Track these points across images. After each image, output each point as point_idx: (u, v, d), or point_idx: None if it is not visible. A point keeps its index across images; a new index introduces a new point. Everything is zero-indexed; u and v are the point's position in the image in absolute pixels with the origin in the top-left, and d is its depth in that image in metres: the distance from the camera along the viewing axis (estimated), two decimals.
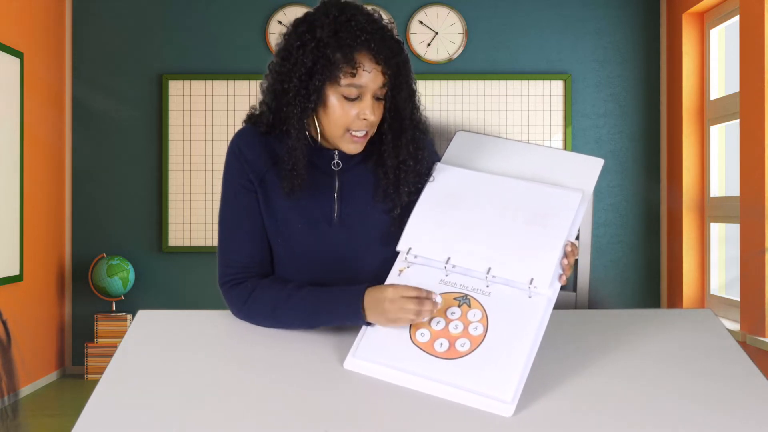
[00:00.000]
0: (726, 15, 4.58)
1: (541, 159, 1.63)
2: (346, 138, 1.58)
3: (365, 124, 1.57)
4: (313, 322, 1.55)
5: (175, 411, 1.32)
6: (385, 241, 1.61)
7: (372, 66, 1.53)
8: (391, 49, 1.55)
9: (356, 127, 1.56)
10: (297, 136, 1.57)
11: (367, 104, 1.55)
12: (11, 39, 4.59)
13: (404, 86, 1.60)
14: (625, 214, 5.30)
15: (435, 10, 5.28)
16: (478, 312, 1.44)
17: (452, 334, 1.42)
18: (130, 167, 5.29)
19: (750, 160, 3.92)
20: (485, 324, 1.42)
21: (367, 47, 1.52)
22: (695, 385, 1.41)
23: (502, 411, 1.32)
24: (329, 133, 1.59)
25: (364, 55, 1.53)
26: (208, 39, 5.29)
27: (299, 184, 1.58)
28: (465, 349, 1.40)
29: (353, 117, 1.55)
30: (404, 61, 1.59)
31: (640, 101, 5.30)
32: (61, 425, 4.10)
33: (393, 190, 1.62)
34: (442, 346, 1.41)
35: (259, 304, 1.57)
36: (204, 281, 5.15)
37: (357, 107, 1.55)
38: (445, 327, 1.43)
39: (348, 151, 1.60)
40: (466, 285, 1.48)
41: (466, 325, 1.43)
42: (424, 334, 1.43)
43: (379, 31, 1.55)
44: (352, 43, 1.52)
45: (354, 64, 1.52)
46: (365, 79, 1.53)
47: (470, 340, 1.40)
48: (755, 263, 3.86)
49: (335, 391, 1.38)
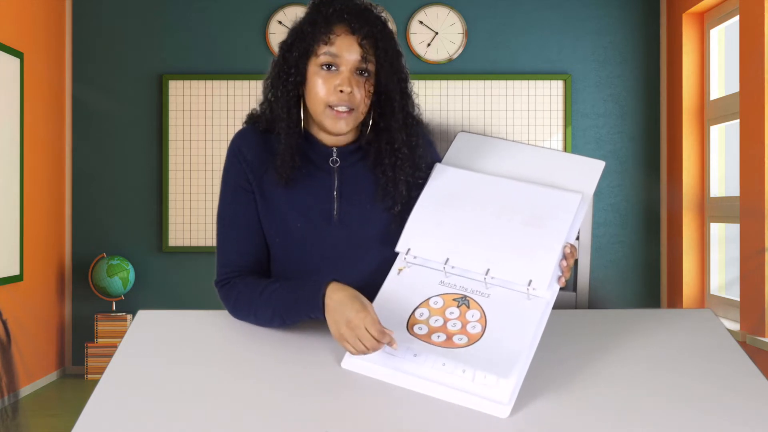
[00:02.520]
0: (726, 15, 4.58)
1: (542, 161, 1.63)
2: (327, 113, 1.58)
3: (344, 97, 1.56)
4: (285, 317, 1.54)
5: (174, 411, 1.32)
6: (384, 240, 1.61)
7: (347, 35, 1.56)
8: (367, 21, 1.58)
9: (334, 100, 1.57)
10: (287, 119, 1.59)
11: (344, 76, 1.56)
12: (11, 39, 4.59)
13: (387, 64, 1.60)
14: (625, 214, 5.30)
15: (435, 10, 5.28)
16: (476, 313, 1.44)
17: (450, 330, 1.42)
18: (130, 167, 5.29)
19: (750, 160, 3.92)
20: (483, 324, 1.42)
21: (340, 18, 1.57)
22: (695, 385, 1.41)
23: (498, 412, 1.32)
24: (312, 110, 1.60)
25: (340, 26, 1.57)
26: (208, 39, 5.29)
27: (293, 169, 1.59)
28: (462, 342, 1.40)
29: (331, 89, 1.57)
30: (385, 36, 1.60)
31: (640, 101, 5.30)
32: (61, 425, 4.10)
33: (392, 186, 1.62)
34: (439, 338, 1.41)
35: (241, 302, 1.59)
36: (204, 281, 5.14)
37: (336, 78, 1.57)
38: (443, 324, 1.43)
39: (332, 128, 1.59)
40: (465, 286, 1.49)
41: (464, 324, 1.43)
42: (422, 328, 1.43)
43: (357, 6, 1.59)
44: (326, 13, 1.57)
45: (328, 33, 1.56)
46: (339, 47, 1.56)
47: (468, 337, 1.41)
48: (755, 263, 3.86)
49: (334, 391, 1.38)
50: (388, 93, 1.61)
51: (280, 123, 1.60)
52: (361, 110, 1.60)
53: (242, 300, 1.59)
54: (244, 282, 1.60)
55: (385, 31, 1.60)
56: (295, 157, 1.59)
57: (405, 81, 1.64)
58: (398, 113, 1.62)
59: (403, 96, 1.64)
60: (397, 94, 1.62)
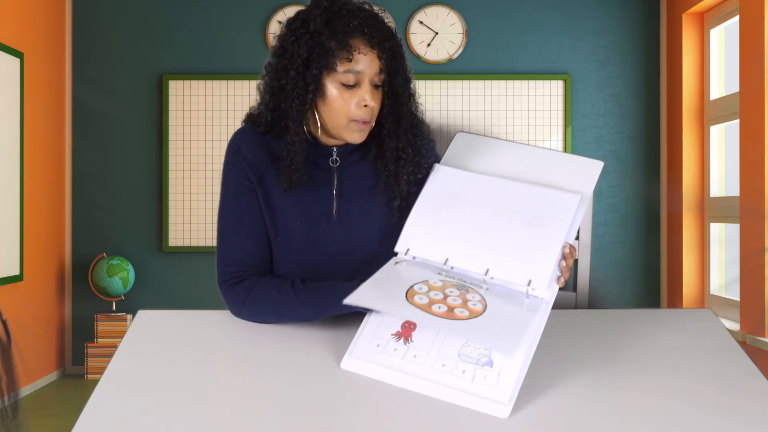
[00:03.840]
0: (726, 15, 4.58)
1: (540, 161, 1.63)
2: (351, 127, 1.59)
3: (367, 111, 1.57)
4: (315, 314, 1.55)
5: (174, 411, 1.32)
6: (384, 236, 1.62)
7: (368, 50, 1.55)
8: (384, 34, 1.57)
9: (358, 115, 1.57)
10: (295, 130, 1.58)
11: (366, 90, 1.56)
12: (11, 39, 4.59)
13: (400, 71, 1.61)
14: (625, 214, 5.30)
15: (435, 10, 5.28)
16: (477, 296, 1.44)
17: (451, 304, 1.42)
18: (130, 167, 5.29)
19: (750, 160, 3.92)
20: (484, 304, 1.42)
21: (360, 32, 1.55)
22: (695, 385, 1.41)
23: (498, 412, 1.32)
24: (331, 124, 1.60)
25: (359, 41, 1.55)
26: (208, 39, 5.29)
27: (298, 179, 1.59)
28: (464, 315, 1.39)
29: (353, 105, 1.56)
30: (398, 45, 1.60)
31: (640, 101, 5.30)
32: (61, 425, 4.10)
33: (393, 180, 1.63)
34: (440, 308, 1.40)
35: (260, 302, 1.57)
36: (204, 281, 5.15)
37: (356, 94, 1.56)
38: (443, 298, 1.43)
39: (352, 140, 1.60)
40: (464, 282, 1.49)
41: (465, 301, 1.43)
42: (422, 299, 1.42)
43: (371, 17, 1.57)
44: (345, 29, 1.54)
45: (350, 50, 1.54)
46: (362, 64, 1.55)
47: (469, 311, 1.40)
48: (755, 263, 3.86)
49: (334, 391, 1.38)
50: (395, 96, 1.62)
51: (292, 135, 1.58)
52: (375, 117, 1.62)
53: (262, 300, 1.57)
54: (259, 282, 1.59)
55: (397, 40, 1.61)
56: (305, 164, 1.59)
57: (409, 81, 1.66)
58: (405, 116, 1.63)
59: (410, 98, 1.66)
60: (404, 98, 1.64)
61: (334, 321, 1.57)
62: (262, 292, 1.58)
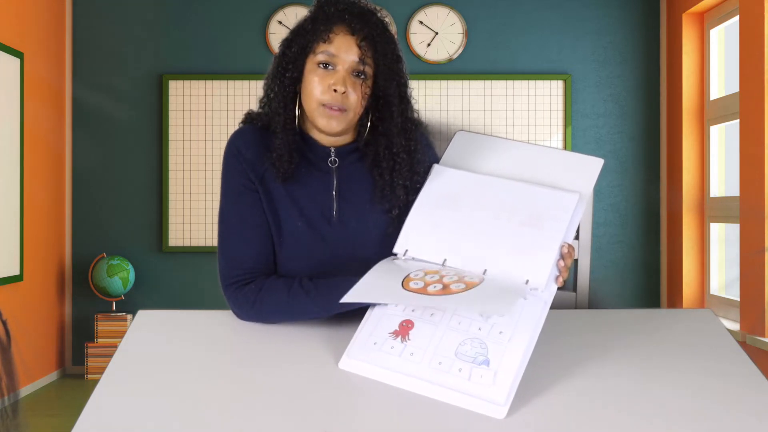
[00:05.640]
0: (726, 15, 4.58)
1: (540, 159, 1.63)
2: (321, 111, 1.59)
3: (336, 97, 1.57)
4: (327, 311, 1.54)
5: (174, 411, 1.32)
6: (383, 241, 1.62)
7: (346, 35, 1.58)
8: (368, 23, 1.59)
9: (328, 99, 1.58)
10: (284, 115, 1.60)
11: (340, 75, 1.57)
12: (11, 39, 4.59)
13: (386, 68, 1.61)
14: (625, 214, 5.30)
15: (435, 10, 5.28)
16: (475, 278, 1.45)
17: (447, 282, 1.42)
18: (130, 167, 5.29)
19: (750, 160, 3.92)
20: (482, 279, 1.43)
21: (341, 18, 1.58)
22: (695, 385, 1.41)
23: (494, 413, 1.32)
24: (307, 107, 1.61)
25: (340, 26, 1.58)
26: (208, 39, 5.29)
27: (288, 168, 1.59)
28: (460, 288, 1.40)
29: (326, 88, 1.58)
30: (386, 40, 1.61)
31: (640, 101, 5.30)
32: (61, 425, 4.10)
33: (389, 189, 1.63)
34: (436, 288, 1.41)
35: (270, 303, 1.56)
36: (204, 281, 5.15)
37: (330, 78, 1.58)
38: (439, 279, 1.44)
39: (324, 127, 1.60)
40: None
41: (461, 277, 1.43)
42: (417, 284, 1.42)
43: (358, 8, 1.60)
44: (328, 12, 1.59)
45: (328, 31, 1.58)
46: (338, 46, 1.57)
47: (466, 285, 1.41)
48: (755, 263, 3.86)
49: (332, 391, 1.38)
50: (386, 97, 1.62)
51: (277, 118, 1.61)
52: (356, 112, 1.61)
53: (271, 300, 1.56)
54: (266, 283, 1.57)
55: (385, 35, 1.61)
56: (292, 153, 1.59)
57: (404, 86, 1.65)
58: (397, 117, 1.63)
59: (402, 100, 1.64)
60: (395, 99, 1.62)
61: (334, 321, 1.57)
62: (271, 294, 1.57)
